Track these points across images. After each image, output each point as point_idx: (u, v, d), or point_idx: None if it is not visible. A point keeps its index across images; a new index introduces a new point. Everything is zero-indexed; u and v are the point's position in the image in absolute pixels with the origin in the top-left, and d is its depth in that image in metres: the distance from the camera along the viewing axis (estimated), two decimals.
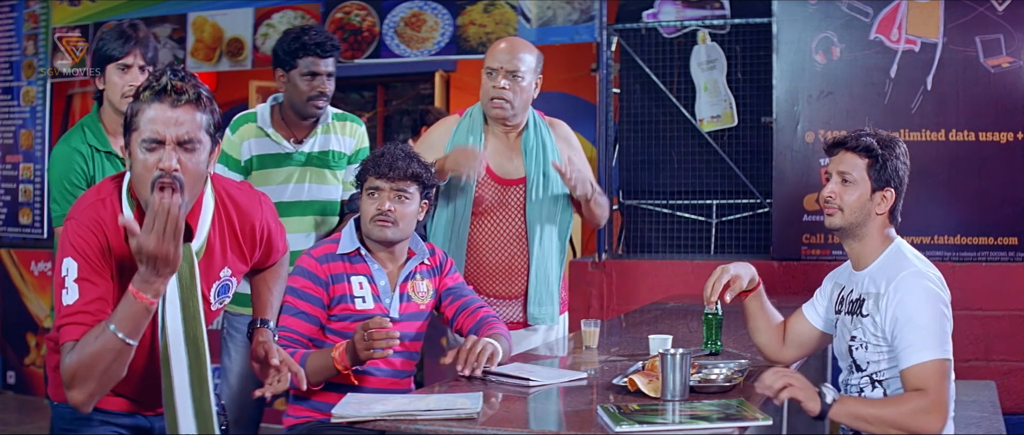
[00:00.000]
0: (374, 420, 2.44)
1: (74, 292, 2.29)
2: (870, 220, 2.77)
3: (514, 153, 3.63)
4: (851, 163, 2.78)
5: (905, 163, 2.80)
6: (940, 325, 2.60)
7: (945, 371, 2.56)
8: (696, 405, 2.52)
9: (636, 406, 2.50)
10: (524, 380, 2.83)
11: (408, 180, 3.12)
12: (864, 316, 2.71)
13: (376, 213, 3.11)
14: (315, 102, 3.60)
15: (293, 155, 3.65)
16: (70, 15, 6.61)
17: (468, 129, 3.63)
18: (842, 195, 2.77)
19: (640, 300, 5.13)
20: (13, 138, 6.75)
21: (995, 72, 4.93)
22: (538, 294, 3.62)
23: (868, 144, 2.77)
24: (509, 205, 3.61)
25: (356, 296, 3.12)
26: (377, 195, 3.12)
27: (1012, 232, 4.94)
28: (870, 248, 2.78)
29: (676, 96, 5.51)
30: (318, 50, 3.59)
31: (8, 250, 6.76)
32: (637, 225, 5.65)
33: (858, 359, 2.73)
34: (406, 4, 5.88)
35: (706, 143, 5.49)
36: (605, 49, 5.55)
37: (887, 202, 2.76)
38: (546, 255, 3.63)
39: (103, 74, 3.35)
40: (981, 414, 3.96)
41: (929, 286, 2.64)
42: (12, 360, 6.77)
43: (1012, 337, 4.86)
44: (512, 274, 3.63)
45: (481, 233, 3.63)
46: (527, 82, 3.56)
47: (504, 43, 3.63)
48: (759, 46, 5.34)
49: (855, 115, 5.06)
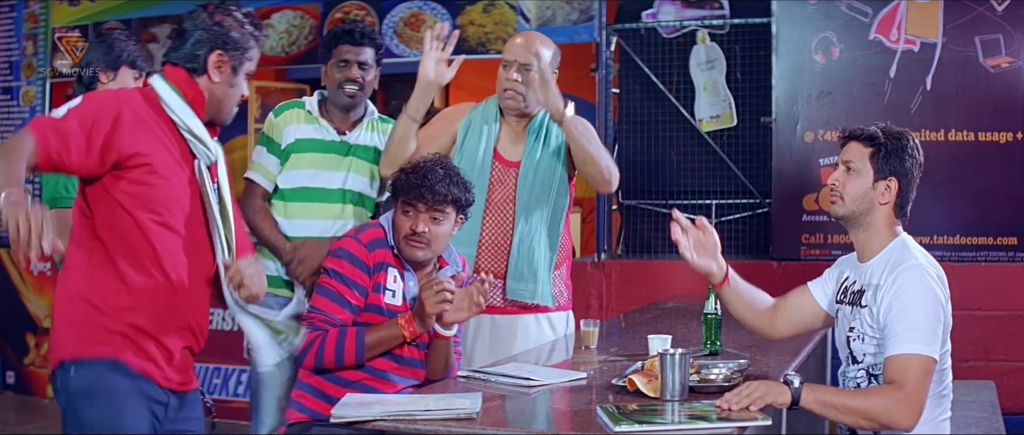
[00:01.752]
0: (373, 420, 2.44)
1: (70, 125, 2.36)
2: (874, 209, 2.75)
3: (519, 138, 3.67)
4: (856, 152, 2.77)
5: (913, 157, 2.76)
6: (931, 323, 2.57)
7: (927, 368, 2.53)
8: (695, 405, 2.52)
9: (635, 406, 2.50)
10: (524, 380, 2.83)
11: (446, 204, 3.07)
12: (863, 307, 2.70)
13: (410, 233, 3.06)
14: (345, 89, 3.60)
15: (336, 143, 3.64)
16: (70, 15, 6.61)
17: (483, 115, 3.67)
18: (845, 183, 2.76)
19: (639, 300, 5.13)
20: None
21: (994, 72, 4.93)
22: (519, 270, 3.59)
23: (873, 133, 2.76)
24: (507, 184, 3.63)
25: (388, 288, 3.08)
26: (412, 213, 3.06)
27: (1011, 232, 4.94)
28: (875, 240, 2.77)
29: (675, 96, 5.51)
30: (348, 38, 3.61)
31: (7, 250, 6.76)
32: (636, 225, 5.65)
33: (855, 351, 2.72)
34: (405, 4, 5.89)
35: (705, 143, 5.49)
36: (604, 49, 5.55)
37: (891, 192, 2.74)
38: (531, 233, 3.61)
39: (115, 71, 3.38)
40: (980, 414, 3.96)
41: (927, 281, 2.62)
42: (11, 360, 6.76)
43: (1012, 337, 4.86)
44: (497, 252, 3.62)
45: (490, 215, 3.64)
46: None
47: (521, 38, 3.68)
48: (758, 46, 5.34)
49: (854, 115, 5.06)
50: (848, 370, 2.78)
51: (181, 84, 2.55)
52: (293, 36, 6.09)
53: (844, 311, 2.82)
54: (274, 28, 6.08)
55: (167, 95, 2.53)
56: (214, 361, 5.89)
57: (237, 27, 2.59)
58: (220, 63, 2.57)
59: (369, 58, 3.65)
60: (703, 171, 5.51)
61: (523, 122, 3.67)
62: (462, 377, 2.96)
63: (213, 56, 2.56)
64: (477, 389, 2.74)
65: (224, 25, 2.57)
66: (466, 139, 3.65)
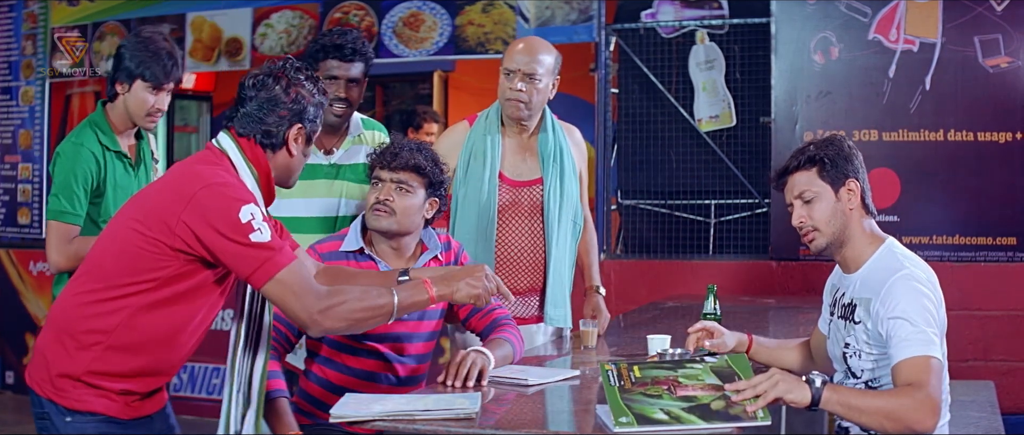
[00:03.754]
0: (372, 420, 2.44)
1: (267, 231, 2.40)
2: (849, 221, 2.70)
3: (528, 154, 3.62)
4: (803, 180, 2.72)
5: (852, 150, 2.73)
6: (932, 327, 2.55)
7: (938, 370, 2.51)
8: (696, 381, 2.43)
9: (638, 373, 2.44)
10: (520, 380, 2.82)
11: (409, 171, 3.07)
12: (856, 323, 2.67)
13: (375, 202, 3.08)
14: (334, 108, 3.42)
15: (324, 167, 3.48)
16: (69, 15, 6.61)
17: (484, 130, 3.61)
18: (811, 214, 2.71)
19: (638, 300, 5.12)
20: (12, 138, 6.75)
21: (994, 72, 4.93)
22: (554, 295, 3.62)
23: (809, 154, 2.72)
24: (522, 205, 3.59)
25: None
26: (380, 185, 3.09)
27: (1011, 232, 4.94)
28: (858, 250, 2.73)
29: (674, 96, 5.51)
30: (337, 53, 3.43)
31: (7, 250, 6.76)
32: (635, 225, 5.65)
33: (853, 367, 2.70)
34: (404, 4, 5.88)
35: (704, 143, 5.49)
36: (603, 49, 5.55)
37: (855, 194, 2.70)
38: (561, 256, 3.63)
39: (129, 83, 3.32)
40: (979, 414, 3.95)
41: (919, 288, 2.59)
42: (10, 360, 6.76)
43: (1011, 337, 4.86)
44: (528, 269, 3.62)
45: (499, 234, 3.61)
46: (544, 84, 3.54)
47: (522, 44, 3.59)
48: (757, 46, 5.34)
49: (853, 115, 5.07)
50: (846, 382, 2.74)
51: (257, 164, 2.54)
52: (292, 36, 6.09)
53: (837, 325, 2.78)
54: (273, 28, 6.08)
55: (245, 176, 2.52)
56: (214, 361, 5.89)
57: (312, 99, 2.57)
58: (298, 136, 2.56)
59: (359, 74, 3.47)
60: (702, 171, 5.51)
61: (526, 134, 3.64)
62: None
63: (293, 130, 2.55)
64: (475, 389, 2.74)
65: (302, 100, 2.54)
66: (470, 164, 3.59)
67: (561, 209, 3.62)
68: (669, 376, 2.44)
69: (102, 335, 2.41)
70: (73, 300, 2.46)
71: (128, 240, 2.42)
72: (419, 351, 3.17)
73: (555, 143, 3.63)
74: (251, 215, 2.38)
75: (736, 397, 2.36)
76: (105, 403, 2.45)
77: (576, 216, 3.69)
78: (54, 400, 2.45)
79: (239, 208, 2.38)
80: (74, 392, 2.44)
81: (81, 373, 2.43)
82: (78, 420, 2.45)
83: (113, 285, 2.41)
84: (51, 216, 3.24)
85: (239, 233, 2.37)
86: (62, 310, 2.48)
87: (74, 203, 3.22)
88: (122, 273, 2.42)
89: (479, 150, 3.59)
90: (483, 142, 3.59)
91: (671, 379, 2.42)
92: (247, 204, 2.39)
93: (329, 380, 3.11)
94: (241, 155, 2.52)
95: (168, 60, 3.32)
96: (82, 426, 2.46)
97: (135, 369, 2.45)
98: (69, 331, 2.44)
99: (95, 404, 2.44)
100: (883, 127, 5.05)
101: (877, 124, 5.06)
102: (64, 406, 2.45)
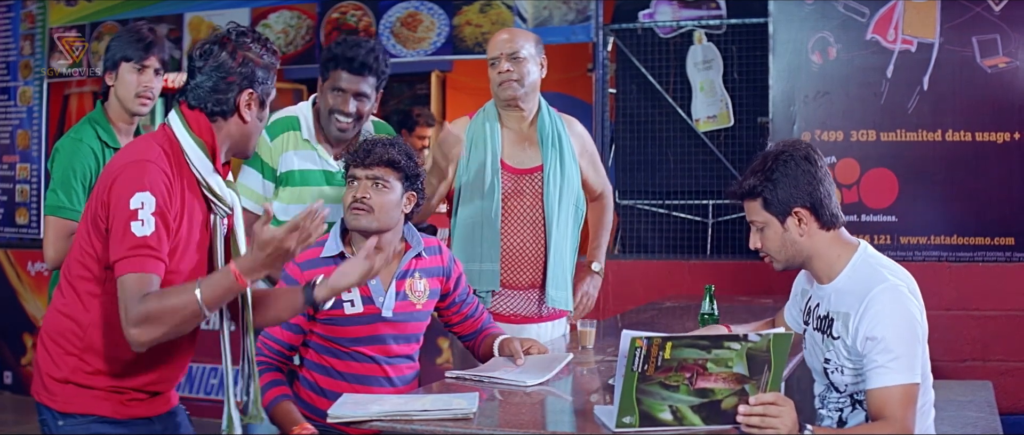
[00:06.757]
0: (370, 420, 2.44)
1: (150, 225, 2.29)
2: (803, 245, 2.62)
3: (528, 142, 3.66)
4: (752, 209, 2.66)
5: (805, 169, 2.59)
6: (910, 348, 2.49)
7: (911, 397, 2.48)
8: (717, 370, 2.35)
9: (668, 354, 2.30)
10: (520, 381, 2.82)
11: (384, 166, 3.04)
12: (835, 338, 2.61)
13: (352, 201, 3.05)
14: (336, 120, 3.37)
15: (337, 175, 3.41)
16: (67, 15, 6.61)
17: (483, 120, 3.66)
18: (764, 243, 2.66)
19: (636, 300, 5.12)
20: (10, 138, 6.74)
21: (992, 72, 4.93)
22: (556, 277, 3.64)
23: (749, 187, 2.63)
24: (525, 193, 3.63)
25: (345, 300, 3.04)
26: (355, 184, 3.06)
27: (1009, 232, 4.94)
28: (827, 263, 2.64)
29: (672, 96, 5.51)
30: (347, 65, 3.35)
31: (5, 250, 6.75)
32: (633, 225, 5.65)
33: (835, 382, 2.66)
34: (402, 4, 5.88)
35: (702, 143, 5.49)
36: (601, 49, 5.55)
37: (805, 221, 2.60)
38: (562, 240, 3.66)
39: (115, 71, 3.33)
40: (978, 414, 3.95)
41: (900, 301, 2.53)
42: (9, 360, 6.76)
43: (1009, 337, 4.85)
44: (531, 262, 3.64)
45: (502, 223, 3.63)
46: (529, 64, 3.59)
47: (503, 33, 3.68)
48: (755, 46, 5.34)
49: (851, 115, 5.07)
50: (829, 394, 2.72)
51: (203, 134, 2.46)
52: (290, 36, 6.10)
53: (814, 337, 2.73)
54: (271, 28, 6.08)
55: (190, 149, 2.44)
56: (214, 361, 5.88)
57: (260, 61, 2.49)
58: (250, 102, 2.48)
59: (368, 88, 3.40)
60: (700, 171, 5.51)
61: (525, 122, 3.66)
62: (451, 379, 2.94)
63: (243, 96, 2.47)
64: (473, 389, 2.74)
65: (249, 63, 2.46)
66: (471, 152, 3.62)
67: (561, 192, 3.64)
68: (700, 359, 2.31)
69: (78, 335, 2.42)
70: (52, 303, 2.50)
71: (80, 231, 2.43)
72: (406, 352, 3.17)
73: (552, 128, 3.67)
74: (141, 204, 2.30)
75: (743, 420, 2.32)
76: (96, 403, 2.45)
77: (578, 200, 3.72)
78: (48, 405, 2.46)
79: (134, 192, 2.31)
80: (63, 394, 2.44)
81: (68, 374, 2.43)
82: (70, 422, 2.45)
83: (76, 278, 2.42)
84: (49, 211, 3.24)
85: (123, 216, 2.31)
86: (47, 315, 2.50)
87: (72, 198, 3.22)
88: (80, 266, 2.42)
89: (479, 139, 3.62)
90: (483, 131, 3.63)
91: (700, 363, 2.31)
92: (144, 192, 2.31)
93: (318, 384, 3.11)
94: (185, 129, 2.45)
95: (148, 36, 3.32)
96: (74, 428, 2.45)
97: (119, 366, 2.44)
98: (51, 335, 2.46)
99: (86, 405, 2.44)
100: (881, 127, 5.05)
101: (875, 124, 5.06)
102: (57, 410, 2.45)
